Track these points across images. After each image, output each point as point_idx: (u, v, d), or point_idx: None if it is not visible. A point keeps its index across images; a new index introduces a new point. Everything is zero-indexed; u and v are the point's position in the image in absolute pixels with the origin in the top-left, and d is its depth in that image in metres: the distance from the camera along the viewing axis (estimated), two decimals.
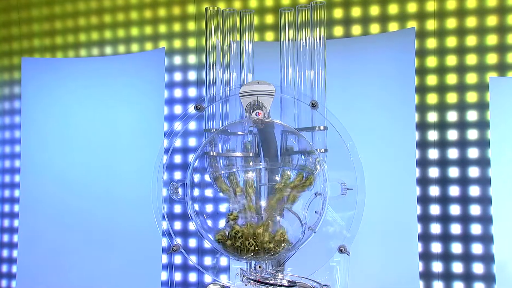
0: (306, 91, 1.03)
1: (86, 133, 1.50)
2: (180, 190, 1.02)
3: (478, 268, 1.30)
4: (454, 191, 1.32)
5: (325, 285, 0.98)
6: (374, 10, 1.37)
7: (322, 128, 1.01)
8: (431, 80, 1.34)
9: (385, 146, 1.30)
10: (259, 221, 0.96)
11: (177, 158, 1.46)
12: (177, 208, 1.42)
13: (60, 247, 1.51)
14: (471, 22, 1.33)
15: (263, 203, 0.98)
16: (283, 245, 0.94)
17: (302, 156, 0.99)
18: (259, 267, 0.97)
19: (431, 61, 1.34)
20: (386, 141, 1.30)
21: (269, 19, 1.45)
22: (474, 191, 1.31)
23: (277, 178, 0.99)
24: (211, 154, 1.01)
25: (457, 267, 1.31)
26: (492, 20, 1.31)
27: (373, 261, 1.29)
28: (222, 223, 1.00)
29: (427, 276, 1.32)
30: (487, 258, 1.29)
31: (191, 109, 1.05)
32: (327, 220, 1.02)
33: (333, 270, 1.02)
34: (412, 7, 1.35)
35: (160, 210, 1.04)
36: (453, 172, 1.32)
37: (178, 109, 1.48)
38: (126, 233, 1.44)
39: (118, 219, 1.45)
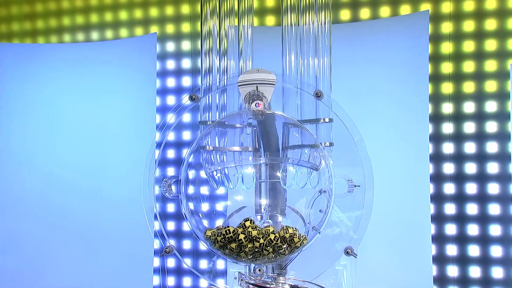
0: (310, 80, 1.04)
1: (70, 125, 1.52)
2: (173, 187, 1.04)
3: (497, 272, 1.31)
4: (471, 188, 1.33)
5: None
6: None
7: (327, 120, 1.03)
8: (446, 68, 1.36)
9: (396, 140, 1.31)
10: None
11: (170, 153, 1.47)
12: (170, 207, 1.44)
13: (41, 249, 1.52)
14: (490, 4, 1.33)
15: (263, 201, 1.00)
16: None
17: (306, 151, 1.01)
18: (259, 270, 0.98)
19: (447, 47, 1.35)
20: (396, 134, 1.32)
21: (270, 2, 1.45)
22: (493, 188, 1.32)
23: (278, 174, 1.01)
24: (207, 148, 1.02)
25: (475, 271, 1.32)
26: None
27: (382, 265, 1.31)
28: (219, 222, 1.02)
29: (441, 280, 1.34)
30: (507, 262, 1.30)
31: (185, 99, 1.06)
32: (332, 220, 1.03)
33: (339, 274, 1.04)
34: None
35: (151, 209, 1.05)
36: (470, 168, 1.34)
37: (171, 99, 1.50)
38: (115, 234, 1.46)
39: (105, 219, 1.47)
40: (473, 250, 1.33)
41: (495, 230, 1.31)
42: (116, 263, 1.46)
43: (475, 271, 1.32)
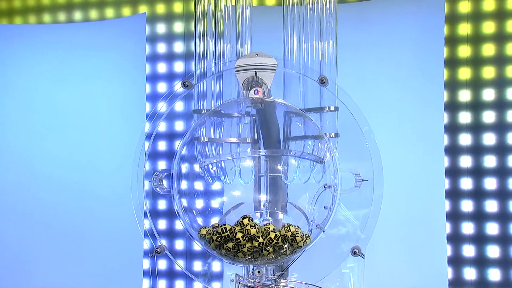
0: (314, 65, 1.05)
1: (52, 115, 1.53)
2: (164, 182, 1.04)
3: None
4: (490, 183, 1.35)
5: None
6: None
7: (332, 109, 1.04)
8: (464, 51, 1.36)
9: (408, 131, 1.33)
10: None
11: (161, 145, 1.49)
12: (162, 204, 1.45)
13: (23, 248, 1.54)
14: None
15: (263, 196, 1.01)
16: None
17: (309, 142, 1.02)
18: (258, 272, 1.00)
19: (464, 28, 1.36)
20: (408, 125, 1.33)
21: None
22: None
23: (279, 167, 1.02)
24: (202, 139, 1.04)
25: (494, 274, 1.34)
26: None
27: (393, 267, 1.33)
28: (214, 220, 1.03)
29: (457, 284, 1.36)
30: None
31: (178, 86, 1.07)
32: (338, 219, 1.04)
33: (345, 276, 1.06)
34: None
35: (141, 205, 1.07)
36: (490, 161, 1.35)
37: (162, 86, 1.51)
38: (101, 233, 1.48)
39: (91, 216, 1.49)
40: (493, 251, 1.34)
41: None
42: (103, 264, 1.48)
43: (494, 274, 1.34)
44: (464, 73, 1.36)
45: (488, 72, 1.35)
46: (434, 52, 1.32)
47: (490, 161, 1.35)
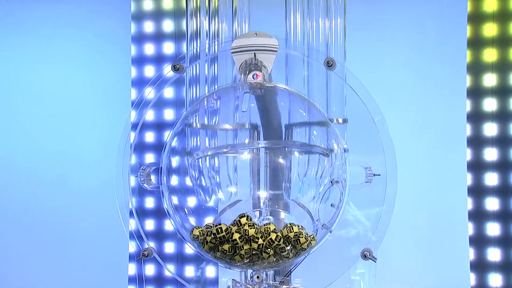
0: (320, 46, 1.06)
1: (27, 102, 1.54)
2: (153, 177, 1.06)
3: None
4: None
5: None
6: None
7: (340, 121, 1.05)
8: (489, 30, 1.37)
9: (425, 121, 1.34)
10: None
11: (149, 136, 1.49)
12: (149, 202, 1.46)
13: None
14: None
15: (262, 193, 1.03)
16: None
17: (314, 132, 1.03)
18: (257, 277, 1.01)
19: (490, 4, 1.36)
20: (426, 113, 1.34)
21: None
22: None
23: (281, 160, 1.03)
24: (194, 126, 1.05)
25: None
26: None
27: (408, 272, 1.34)
28: (208, 220, 1.04)
29: None
30: None
31: (167, 70, 1.08)
32: (347, 219, 1.06)
33: (355, 283, 1.07)
34: None
35: (126, 203, 1.08)
36: None
37: (149, 70, 1.51)
38: (81, 234, 1.49)
39: (70, 216, 1.50)
40: None
41: None
42: (83, 269, 1.50)
43: None
44: (490, 54, 1.36)
45: None
46: (455, 32, 1.33)
47: None
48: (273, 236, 0.95)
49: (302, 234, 0.96)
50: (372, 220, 1.05)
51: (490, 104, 1.36)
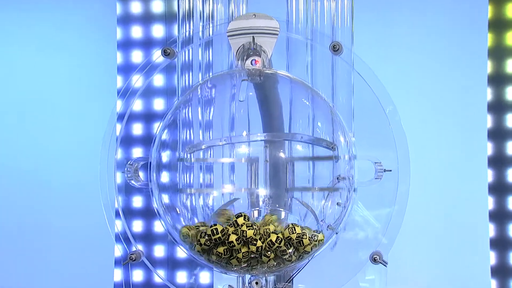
0: (325, 29, 1.07)
1: (3, 90, 1.55)
2: (141, 173, 1.06)
3: None
4: None
5: None
6: None
7: (347, 158, 1.05)
8: None
9: (441, 111, 1.35)
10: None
11: (137, 128, 1.50)
12: (137, 201, 1.47)
13: None
14: None
15: (261, 191, 1.03)
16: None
17: (319, 123, 1.04)
18: (256, 283, 1.01)
19: None
20: (442, 103, 1.35)
21: None
22: None
23: (282, 155, 1.04)
24: (184, 115, 1.06)
25: None
26: None
27: (422, 278, 1.35)
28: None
29: None
30: None
31: (157, 55, 1.09)
32: (355, 220, 1.06)
33: None
34: None
35: (112, 203, 1.09)
36: None
37: (137, 55, 1.52)
38: (63, 236, 1.50)
39: (50, 216, 1.52)
40: None
41: None
42: (65, 274, 1.51)
43: None
44: None
45: None
46: (475, 14, 1.34)
47: None
48: (273, 237, 0.95)
49: (306, 235, 0.96)
50: (382, 221, 1.05)
51: None
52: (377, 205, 1.06)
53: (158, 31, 1.51)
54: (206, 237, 0.96)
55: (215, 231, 0.95)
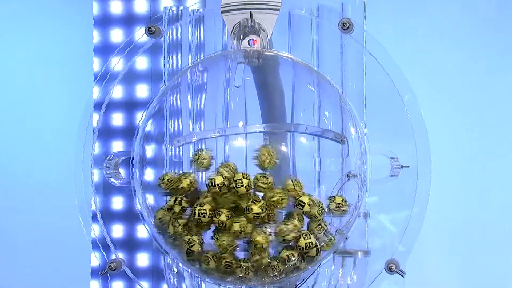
0: (333, 3, 1.08)
1: None
2: (122, 170, 1.07)
3: None
4: None
5: None
6: None
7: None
8: None
9: (467, 99, 1.35)
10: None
11: (117, 118, 1.51)
12: (117, 202, 1.48)
13: None
14: None
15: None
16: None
17: (326, 113, 1.05)
18: None
19: None
20: (469, 89, 1.36)
21: None
22: None
23: (284, 149, 1.04)
24: (172, 103, 1.06)
25: None
26: None
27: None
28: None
29: None
30: None
31: (140, 34, 1.09)
32: (368, 225, 1.07)
33: None
34: None
35: (88, 204, 1.10)
36: None
37: (116, 34, 1.53)
38: (31, 242, 1.51)
39: (17, 218, 1.53)
40: None
41: None
42: (33, 285, 1.51)
43: None
44: None
45: None
46: None
47: None
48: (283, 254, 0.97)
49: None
50: (399, 225, 1.06)
51: None
52: (393, 206, 1.07)
53: (140, 5, 1.52)
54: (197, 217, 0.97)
55: (203, 213, 0.96)
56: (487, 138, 1.36)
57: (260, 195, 0.98)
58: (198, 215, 0.95)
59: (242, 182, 0.94)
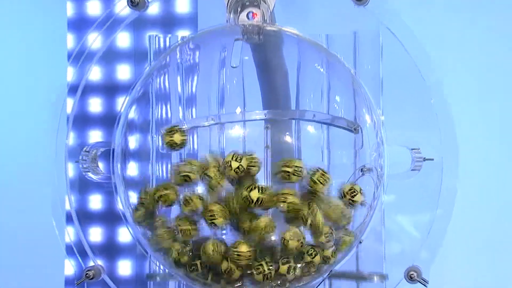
0: None
1: None
2: (101, 164, 1.08)
3: None
4: None
5: None
6: None
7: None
8: None
9: (500, 82, 1.36)
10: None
11: (94, 104, 1.51)
12: (95, 201, 1.48)
13: None
14: None
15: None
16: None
17: (337, 98, 1.06)
18: None
19: None
20: (501, 71, 1.37)
21: None
22: None
23: (288, 139, 1.05)
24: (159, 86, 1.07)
25: None
26: None
27: None
28: None
29: None
30: None
31: (121, 6, 1.10)
32: (386, 228, 1.09)
33: None
34: None
35: (61, 203, 1.10)
36: None
37: (93, 7, 1.53)
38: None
39: None
40: None
41: None
42: None
43: None
44: None
45: None
46: None
47: None
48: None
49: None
50: (421, 228, 1.07)
51: None
52: (414, 206, 1.08)
53: None
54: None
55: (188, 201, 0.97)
56: None
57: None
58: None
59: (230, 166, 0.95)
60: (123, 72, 1.50)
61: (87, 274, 1.08)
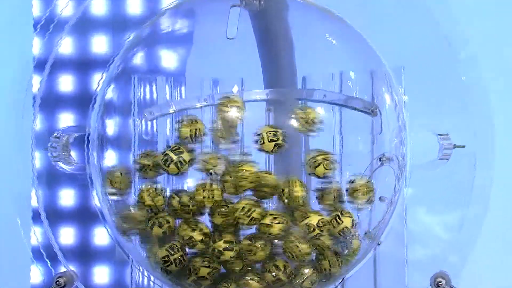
0: None
1: None
2: (73, 152, 1.08)
3: None
4: None
5: None
6: None
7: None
8: None
9: None
10: None
11: (65, 82, 1.52)
12: (67, 196, 1.49)
13: None
14: None
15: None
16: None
17: (351, 74, 1.05)
18: None
19: None
20: None
21: None
22: None
23: (294, 123, 1.05)
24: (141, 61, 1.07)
25: None
26: None
27: None
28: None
29: None
30: None
31: None
32: (410, 229, 1.08)
33: None
34: None
35: (27, 198, 1.12)
36: None
37: None
38: None
39: None
40: None
41: None
42: None
43: None
44: None
45: None
46: None
47: None
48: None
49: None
50: (449, 228, 1.08)
51: None
52: (442, 202, 1.08)
53: None
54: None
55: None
56: None
57: None
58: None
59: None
60: (99, 44, 1.51)
61: (57, 281, 1.07)
